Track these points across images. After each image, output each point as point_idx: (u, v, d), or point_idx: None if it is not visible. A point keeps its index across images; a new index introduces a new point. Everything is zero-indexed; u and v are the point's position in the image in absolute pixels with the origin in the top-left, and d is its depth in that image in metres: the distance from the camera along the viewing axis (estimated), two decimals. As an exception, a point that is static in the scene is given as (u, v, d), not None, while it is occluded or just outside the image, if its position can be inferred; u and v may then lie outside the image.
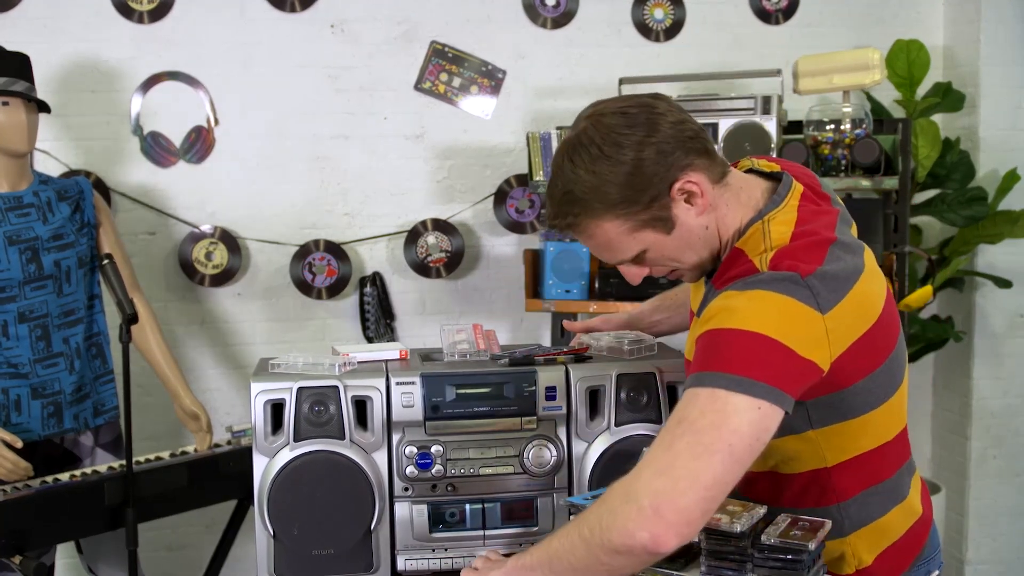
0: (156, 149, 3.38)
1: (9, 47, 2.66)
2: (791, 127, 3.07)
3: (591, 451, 1.74)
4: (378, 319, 3.53)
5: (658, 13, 3.67)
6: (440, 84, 3.56)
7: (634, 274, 1.58)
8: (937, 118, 3.62)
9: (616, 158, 1.45)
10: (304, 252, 3.47)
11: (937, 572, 1.66)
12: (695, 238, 1.53)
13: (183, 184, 3.41)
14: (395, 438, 1.71)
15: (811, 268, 1.41)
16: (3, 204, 2.59)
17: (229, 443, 2.74)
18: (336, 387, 1.68)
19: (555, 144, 3.12)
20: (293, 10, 3.44)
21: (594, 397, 1.76)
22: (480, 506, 1.74)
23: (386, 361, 1.82)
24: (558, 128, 3.19)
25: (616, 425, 1.74)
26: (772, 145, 2.90)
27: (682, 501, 1.28)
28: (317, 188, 3.49)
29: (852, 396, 1.48)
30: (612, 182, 1.46)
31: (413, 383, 1.71)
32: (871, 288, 1.49)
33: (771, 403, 1.32)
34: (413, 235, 3.53)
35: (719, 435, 1.30)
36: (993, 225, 3.53)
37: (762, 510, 1.48)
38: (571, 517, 1.61)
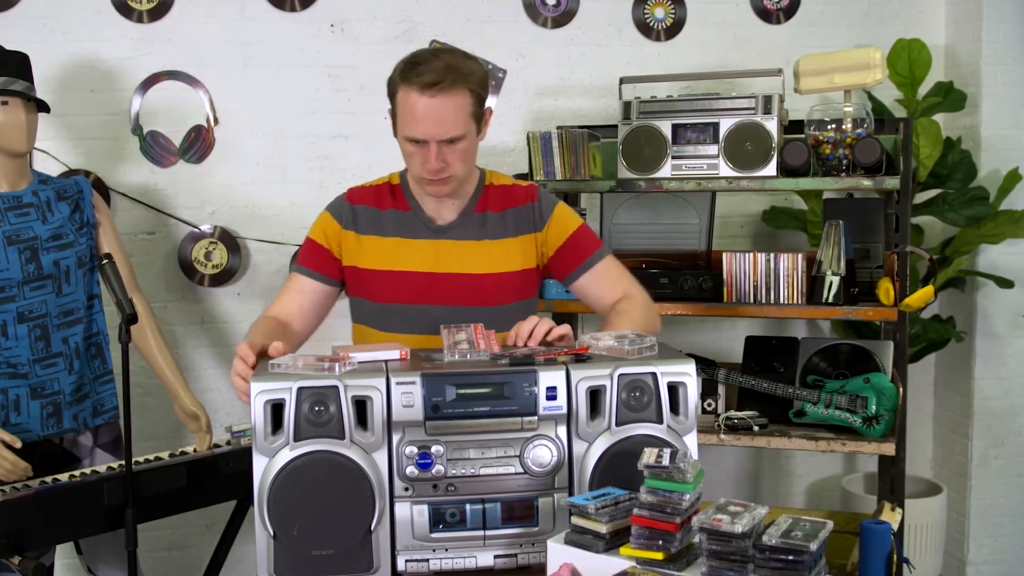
0: (156, 149, 3.38)
1: (9, 46, 2.65)
2: (792, 127, 3.07)
3: (592, 451, 1.74)
4: (378, 319, 3.52)
5: (659, 12, 3.67)
6: (440, 84, 3.55)
7: (433, 156, 2.05)
8: (938, 117, 3.61)
9: (478, 62, 2.13)
10: (304, 252, 3.46)
11: None
12: (474, 154, 2.15)
13: (183, 184, 3.41)
14: (395, 438, 1.71)
15: None
16: (2, 204, 2.59)
17: (229, 443, 2.73)
18: (336, 387, 1.68)
19: (555, 143, 3.12)
20: (293, 9, 3.43)
21: (595, 397, 1.76)
22: (481, 506, 1.73)
23: (386, 361, 1.81)
24: (559, 127, 3.18)
25: (617, 425, 1.74)
26: (773, 145, 2.89)
27: None
28: (317, 188, 3.48)
29: None
30: (479, 72, 2.10)
31: (413, 383, 1.71)
32: None
33: None
34: (413, 235, 3.53)
35: None
36: (994, 225, 3.53)
37: (764, 510, 1.48)
38: (572, 518, 1.61)
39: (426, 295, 2.17)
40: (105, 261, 2.41)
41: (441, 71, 2.02)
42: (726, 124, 2.94)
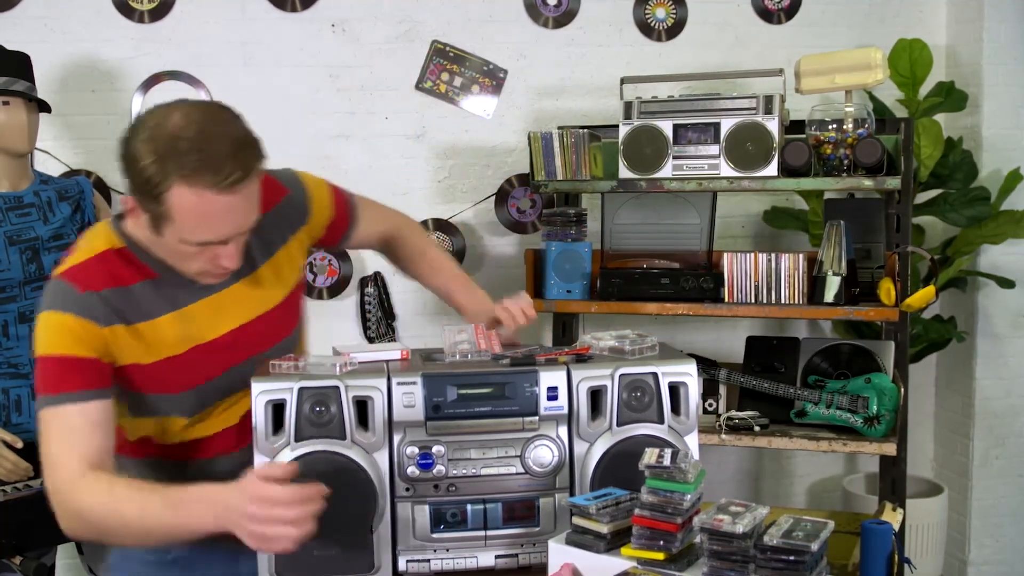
0: (157, 149, 3.37)
1: (10, 46, 2.66)
2: (793, 127, 3.07)
3: (592, 451, 1.73)
4: (379, 319, 3.53)
5: (660, 12, 3.67)
6: (441, 84, 3.55)
7: (234, 252, 1.64)
8: (940, 117, 3.61)
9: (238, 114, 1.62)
10: (305, 252, 3.46)
11: None
12: None
13: (184, 184, 3.40)
14: (396, 438, 1.71)
15: None
16: (3, 204, 2.59)
17: (230, 443, 2.73)
18: (337, 387, 1.68)
19: (556, 144, 3.12)
20: (294, 9, 3.43)
21: (596, 397, 1.76)
22: (482, 506, 1.73)
23: (387, 361, 1.81)
24: (560, 128, 3.18)
25: (618, 425, 1.74)
26: (774, 145, 2.89)
27: None
28: (318, 188, 3.48)
29: None
30: (252, 130, 1.62)
31: (414, 383, 1.71)
32: None
33: None
34: (414, 235, 3.53)
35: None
36: (996, 225, 3.52)
37: (765, 511, 1.48)
38: (573, 518, 1.61)
39: (226, 360, 1.76)
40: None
41: (233, 156, 1.54)
42: (727, 124, 2.94)
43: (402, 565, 1.72)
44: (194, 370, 1.74)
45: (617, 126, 3.05)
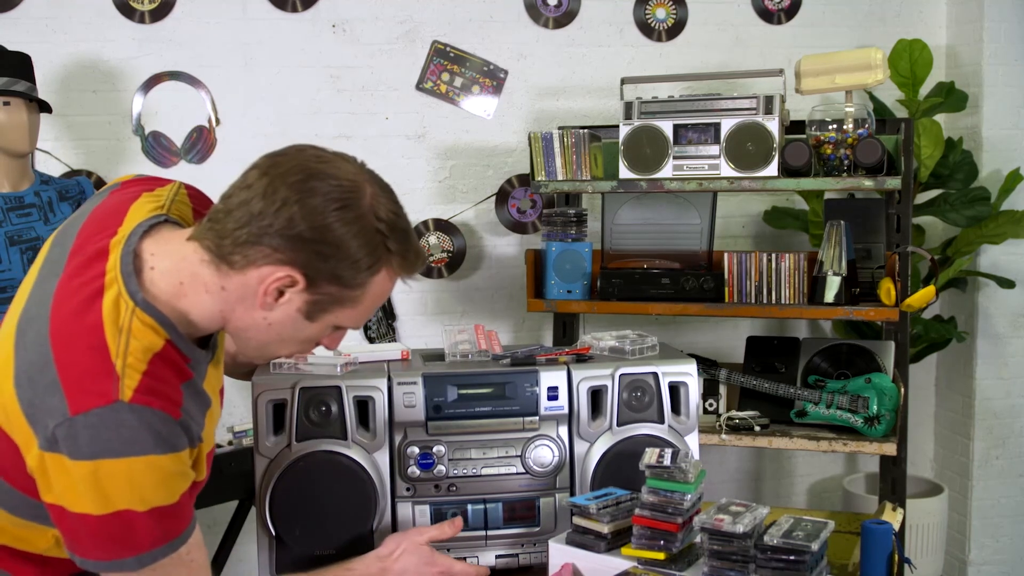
0: (157, 149, 3.38)
1: (11, 47, 2.66)
2: (793, 127, 3.06)
3: (593, 451, 1.74)
4: (380, 319, 3.53)
5: (660, 13, 3.67)
6: (442, 84, 3.55)
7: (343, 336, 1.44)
8: (940, 118, 3.61)
9: None
10: (306, 252, 3.46)
11: None
12: None
13: (184, 184, 3.40)
14: (397, 438, 1.71)
15: None
16: (4, 204, 2.59)
17: (231, 443, 2.74)
18: (338, 387, 1.68)
19: (557, 144, 3.12)
20: (295, 10, 3.44)
21: (596, 397, 1.76)
22: (482, 506, 1.73)
23: (388, 361, 1.82)
24: (560, 128, 3.18)
25: (618, 425, 1.74)
26: (774, 145, 2.89)
27: None
28: (319, 188, 3.48)
29: None
30: None
31: (415, 383, 1.71)
32: None
33: None
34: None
35: None
36: (996, 225, 3.53)
37: (765, 511, 1.48)
38: (573, 518, 1.61)
39: None
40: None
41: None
42: (727, 124, 2.94)
43: (403, 565, 1.72)
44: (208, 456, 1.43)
45: (617, 126, 3.05)
